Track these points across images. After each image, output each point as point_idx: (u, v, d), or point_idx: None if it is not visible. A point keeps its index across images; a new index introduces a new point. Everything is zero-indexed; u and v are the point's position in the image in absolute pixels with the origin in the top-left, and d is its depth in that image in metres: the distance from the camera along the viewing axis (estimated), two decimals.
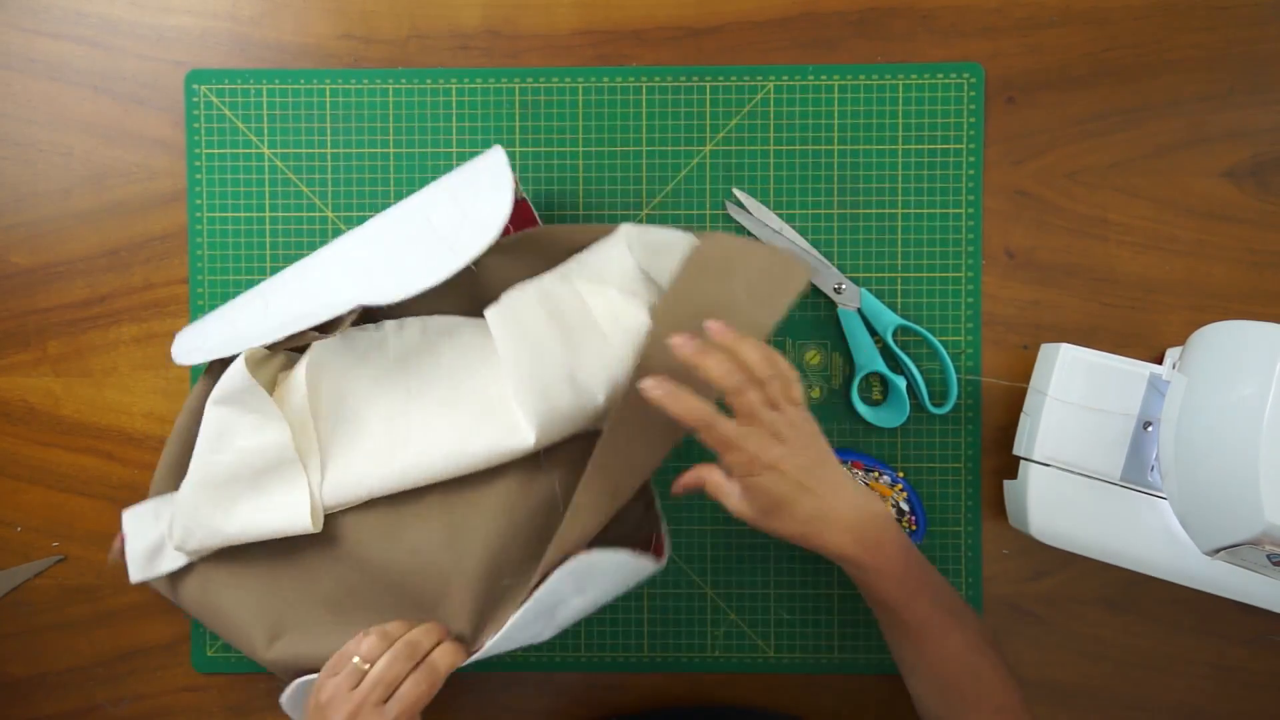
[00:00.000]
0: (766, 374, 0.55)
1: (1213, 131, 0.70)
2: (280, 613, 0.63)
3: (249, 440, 0.61)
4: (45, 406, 0.72)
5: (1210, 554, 0.57)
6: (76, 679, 0.72)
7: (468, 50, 0.71)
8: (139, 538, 0.64)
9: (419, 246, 0.60)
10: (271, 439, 0.61)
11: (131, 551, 0.64)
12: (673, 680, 0.71)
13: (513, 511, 0.60)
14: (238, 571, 0.63)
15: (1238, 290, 0.70)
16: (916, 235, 0.71)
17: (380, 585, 0.62)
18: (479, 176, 0.62)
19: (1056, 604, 0.70)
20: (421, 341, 0.63)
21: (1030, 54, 0.71)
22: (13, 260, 0.72)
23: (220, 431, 0.61)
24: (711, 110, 0.71)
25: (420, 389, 0.62)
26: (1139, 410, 0.63)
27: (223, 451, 0.61)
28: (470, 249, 0.58)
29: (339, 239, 0.67)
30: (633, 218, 0.71)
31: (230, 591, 0.63)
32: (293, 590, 0.63)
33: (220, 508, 0.61)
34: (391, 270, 0.60)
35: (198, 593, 0.64)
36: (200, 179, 0.71)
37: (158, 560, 0.64)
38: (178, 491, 0.63)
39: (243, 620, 0.63)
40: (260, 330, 0.62)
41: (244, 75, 0.71)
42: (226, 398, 0.61)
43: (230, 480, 0.61)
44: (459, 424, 0.61)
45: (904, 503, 0.68)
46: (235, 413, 0.61)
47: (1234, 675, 0.70)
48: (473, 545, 0.60)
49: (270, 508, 0.61)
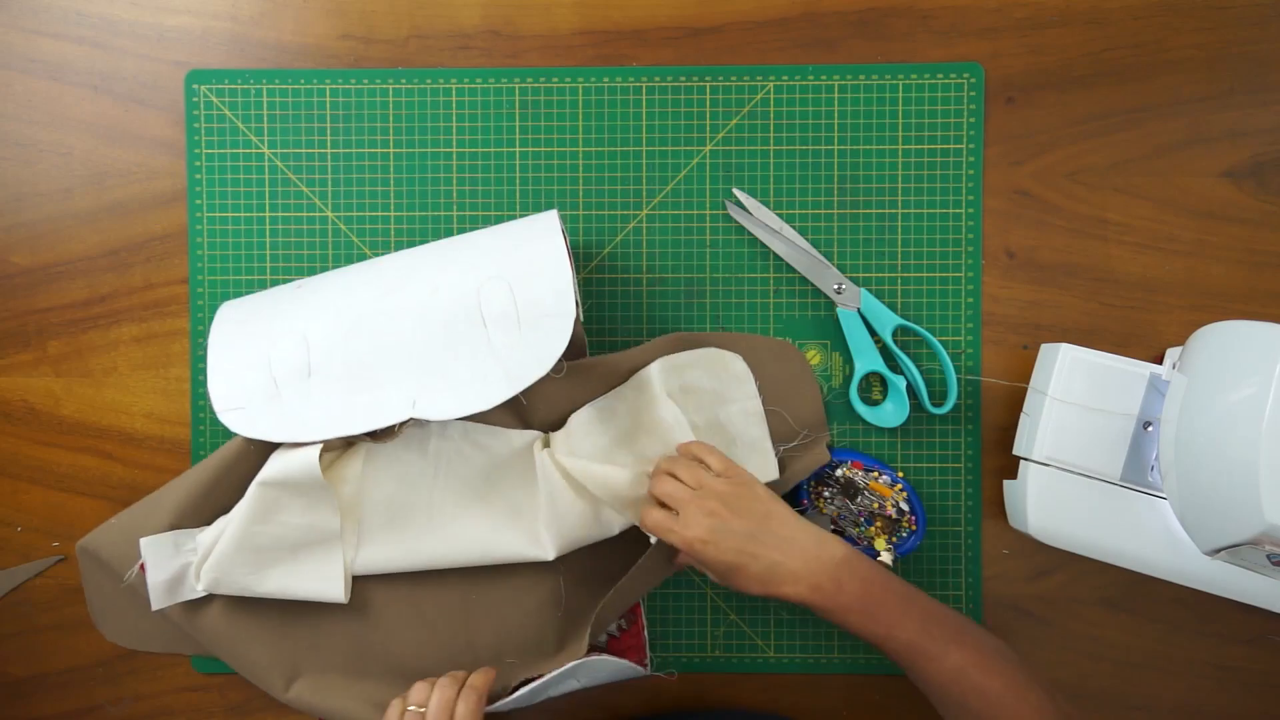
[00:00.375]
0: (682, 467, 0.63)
1: (1213, 131, 0.70)
2: (295, 656, 0.66)
3: (298, 519, 0.63)
4: (45, 406, 0.72)
5: (1210, 554, 0.57)
6: (76, 679, 0.72)
7: (468, 50, 0.72)
8: (160, 568, 0.65)
9: (473, 358, 0.62)
10: (320, 520, 0.64)
11: (153, 582, 0.65)
12: (672, 680, 0.71)
13: (522, 602, 0.67)
14: (259, 611, 0.66)
15: (1238, 290, 0.70)
16: (916, 235, 0.71)
17: (392, 655, 0.66)
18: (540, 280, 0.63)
19: (1056, 604, 0.70)
20: (461, 443, 0.67)
21: (1030, 54, 0.71)
22: (13, 260, 0.72)
23: (269, 508, 0.63)
24: (711, 110, 0.71)
25: (456, 488, 0.67)
26: (1139, 410, 0.63)
27: (269, 524, 0.63)
28: (523, 380, 0.62)
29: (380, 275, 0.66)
30: (633, 218, 0.71)
31: (251, 628, 0.66)
32: (307, 638, 0.66)
33: (254, 570, 0.64)
34: (444, 379, 0.63)
35: (218, 624, 0.66)
36: (200, 179, 0.71)
37: (178, 590, 0.65)
38: (203, 531, 0.65)
39: (259, 658, 0.65)
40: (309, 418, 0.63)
41: (244, 75, 0.71)
42: (283, 482, 0.62)
43: (270, 549, 0.64)
44: (487, 524, 0.66)
45: (904, 503, 0.68)
46: (287, 494, 0.63)
47: (1234, 675, 0.70)
48: (484, 627, 0.67)
49: (305, 576, 0.64)
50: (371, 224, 0.71)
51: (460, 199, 0.71)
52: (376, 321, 0.64)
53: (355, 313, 0.64)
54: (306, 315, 0.65)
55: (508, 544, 0.65)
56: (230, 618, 0.66)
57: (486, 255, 0.64)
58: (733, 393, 0.69)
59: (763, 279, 0.71)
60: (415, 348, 0.63)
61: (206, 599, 0.66)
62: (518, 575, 0.67)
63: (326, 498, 0.63)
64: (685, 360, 0.68)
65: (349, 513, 0.65)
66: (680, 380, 0.68)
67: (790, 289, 0.71)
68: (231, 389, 0.64)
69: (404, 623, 0.66)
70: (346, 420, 0.63)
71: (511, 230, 0.66)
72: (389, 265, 0.67)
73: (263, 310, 0.67)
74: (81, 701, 0.71)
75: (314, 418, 0.63)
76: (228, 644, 0.66)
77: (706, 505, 0.60)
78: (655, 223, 0.71)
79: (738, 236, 0.71)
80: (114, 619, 0.68)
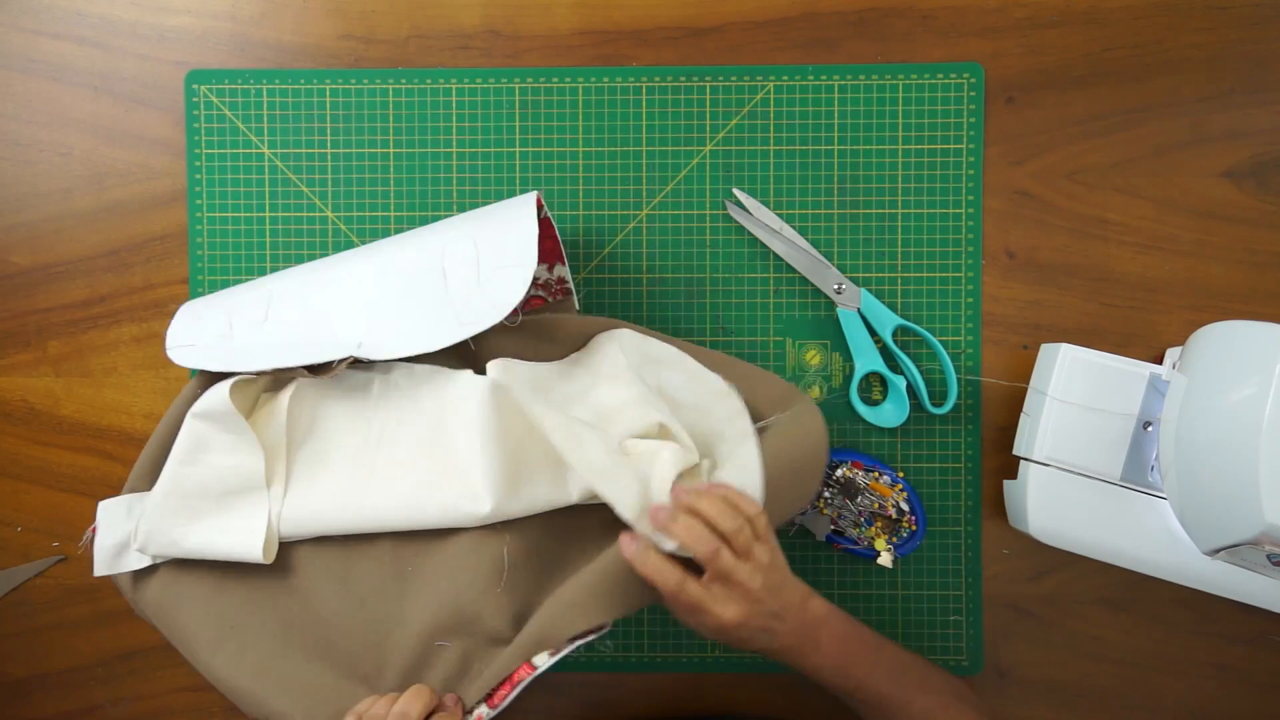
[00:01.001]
0: (732, 526, 0.54)
1: (1213, 131, 0.70)
2: (224, 626, 0.62)
3: (222, 459, 0.61)
4: (45, 406, 0.72)
5: (1210, 554, 0.57)
6: (76, 679, 0.72)
7: (468, 50, 0.72)
8: (110, 532, 0.63)
9: (427, 304, 0.60)
10: (243, 461, 0.61)
11: (100, 545, 0.63)
12: (672, 680, 0.71)
13: (459, 572, 0.60)
14: (193, 578, 0.63)
15: (1238, 290, 0.70)
16: (916, 235, 0.71)
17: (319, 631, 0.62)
18: (506, 237, 0.61)
19: (1056, 604, 0.70)
20: (406, 387, 0.63)
21: (1030, 54, 0.71)
22: (13, 260, 0.72)
23: (195, 445, 0.61)
24: (711, 110, 0.71)
25: (394, 435, 0.63)
26: (1139, 410, 0.63)
27: (195, 464, 0.61)
28: (476, 325, 0.59)
29: (355, 253, 0.66)
30: (633, 218, 0.71)
31: (184, 596, 0.62)
32: (237, 607, 0.62)
33: (183, 519, 0.61)
34: (395, 321, 0.61)
35: (157, 594, 0.63)
36: (200, 179, 0.71)
37: (123, 557, 0.63)
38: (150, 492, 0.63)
39: (190, 626, 0.62)
40: (253, 352, 0.62)
41: (244, 75, 0.71)
42: (206, 414, 0.61)
43: (198, 494, 0.61)
44: (421, 478, 0.61)
45: (904, 503, 0.68)
46: (212, 429, 0.61)
47: (1234, 675, 0.70)
48: (418, 601, 0.61)
49: (229, 530, 0.61)
50: (371, 224, 0.71)
51: (460, 199, 0.71)
52: (339, 273, 0.63)
53: (320, 271, 0.64)
54: (275, 277, 0.66)
55: (441, 499, 0.60)
56: (167, 586, 0.63)
57: (459, 223, 0.64)
58: (712, 406, 0.63)
59: (763, 279, 0.71)
60: (371, 295, 0.62)
61: (151, 570, 0.63)
62: (455, 540, 0.61)
63: (245, 432, 0.60)
64: (662, 354, 0.65)
65: (275, 457, 0.62)
66: (658, 379, 0.64)
67: (790, 289, 0.71)
68: (187, 329, 0.64)
69: (332, 593, 0.62)
70: (286, 354, 0.61)
71: (489, 207, 0.66)
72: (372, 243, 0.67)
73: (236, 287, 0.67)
74: (81, 701, 0.71)
75: (257, 353, 0.61)
76: (165, 616, 0.62)
77: (753, 586, 0.54)
78: (655, 223, 0.71)
79: (738, 236, 0.71)
80: None
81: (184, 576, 0.63)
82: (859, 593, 0.71)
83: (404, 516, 0.61)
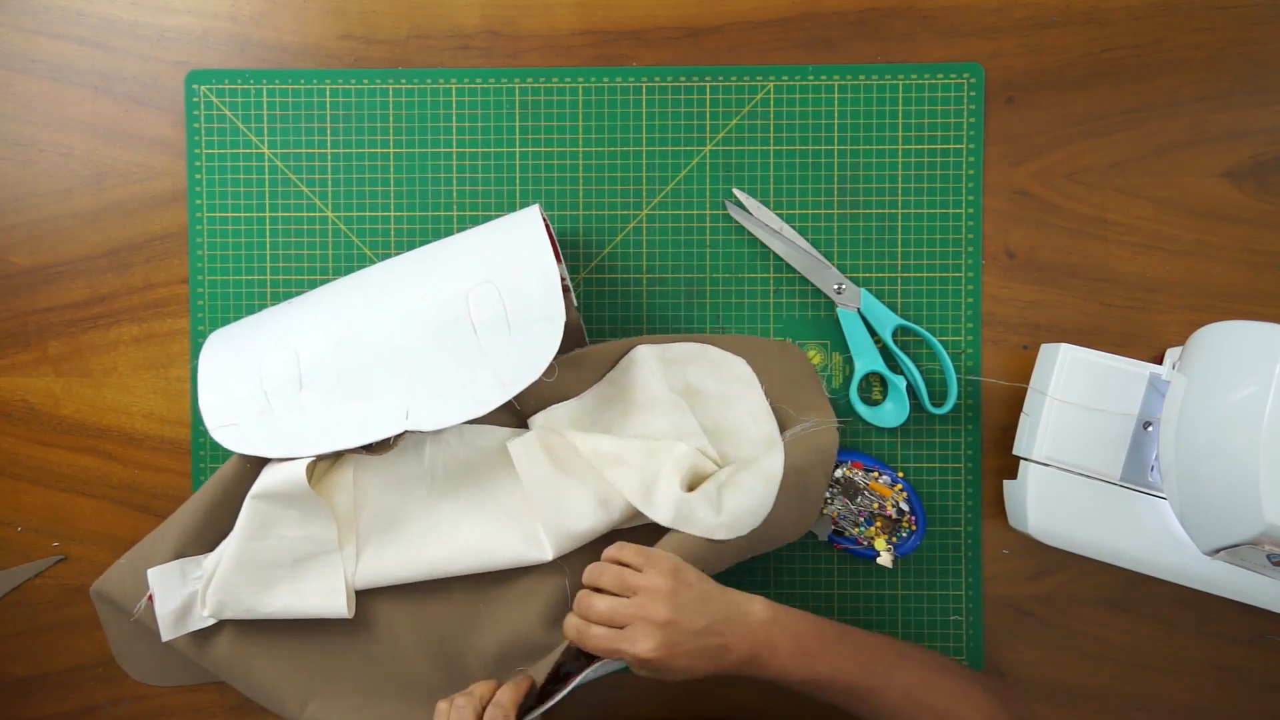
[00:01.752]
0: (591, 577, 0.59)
1: (1213, 131, 0.70)
2: (308, 679, 0.65)
3: (294, 531, 0.63)
4: (45, 406, 0.72)
5: (1210, 554, 0.57)
6: (76, 679, 0.72)
7: (468, 50, 0.72)
8: (168, 598, 0.65)
9: (463, 362, 0.62)
10: (317, 533, 0.64)
11: (161, 612, 0.65)
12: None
13: (528, 607, 0.65)
14: (269, 635, 0.66)
15: (1238, 290, 0.70)
16: (916, 235, 0.71)
17: (403, 669, 0.66)
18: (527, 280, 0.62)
19: (1056, 604, 0.70)
20: (456, 447, 0.66)
21: (1030, 54, 0.71)
22: (13, 260, 0.72)
23: (264, 523, 0.63)
24: (711, 110, 0.71)
25: (453, 492, 0.66)
26: (1139, 410, 0.63)
27: (266, 539, 0.63)
28: (516, 385, 0.61)
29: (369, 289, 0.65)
30: (633, 218, 0.71)
31: (262, 654, 0.65)
32: (319, 658, 0.66)
33: (258, 588, 0.64)
34: (437, 385, 0.62)
35: (228, 652, 0.65)
36: (200, 179, 0.71)
37: (187, 619, 0.65)
38: (207, 557, 0.65)
39: (274, 683, 0.65)
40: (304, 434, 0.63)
41: (244, 75, 0.71)
42: (269, 494, 0.62)
43: (270, 565, 0.64)
44: (485, 528, 0.65)
45: (904, 503, 0.68)
46: (277, 507, 0.63)
47: (1234, 675, 0.70)
48: (490, 633, 0.65)
49: (309, 593, 0.64)
50: (371, 224, 0.71)
51: (460, 199, 0.71)
52: (365, 329, 0.63)
53: (343, 321, 0.64)
54: (294, 327, 0.65)
55: (505, 546, 0.64)
56: (239, 644, 0.65)
57: (473, 258, 0.64)
58: (739, 394, 0.68)
59: (763, 279, 0.71)
60: (406, 355, 0.62)
61: (215, 628, 0.65)
62: (522, 580, 0.66)
63: (319, 508, 0.63)
64: (683, 353, 0.68)
65: (346, 524, 0.65)
66: (684, 379, 0.67)
67: (790, 289, 0.71)
68: (223, 404, 0.64)
69: (411, 637, 0.65)
70: (340, 434, 0.62)
71: (496, 230, 0.66)
72: (376, 274, 0.67)
73: (250, 329, 0.67)
74: (81, 701, 0.71)
75: (307, 432, 0.63)
76: (240, 672, 0.65)
77: (655, 615, 0.55)
78: (655, 223, 0.71)
79: (738, 236, 0.71)
80: (137, 658, 0.68)
81: (255, 635, 0.65)
82: (859, 593, 0.71)
83: (473, 563, 0.65)
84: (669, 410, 0.66)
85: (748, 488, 0.63)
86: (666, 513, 0.62)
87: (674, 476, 0.63)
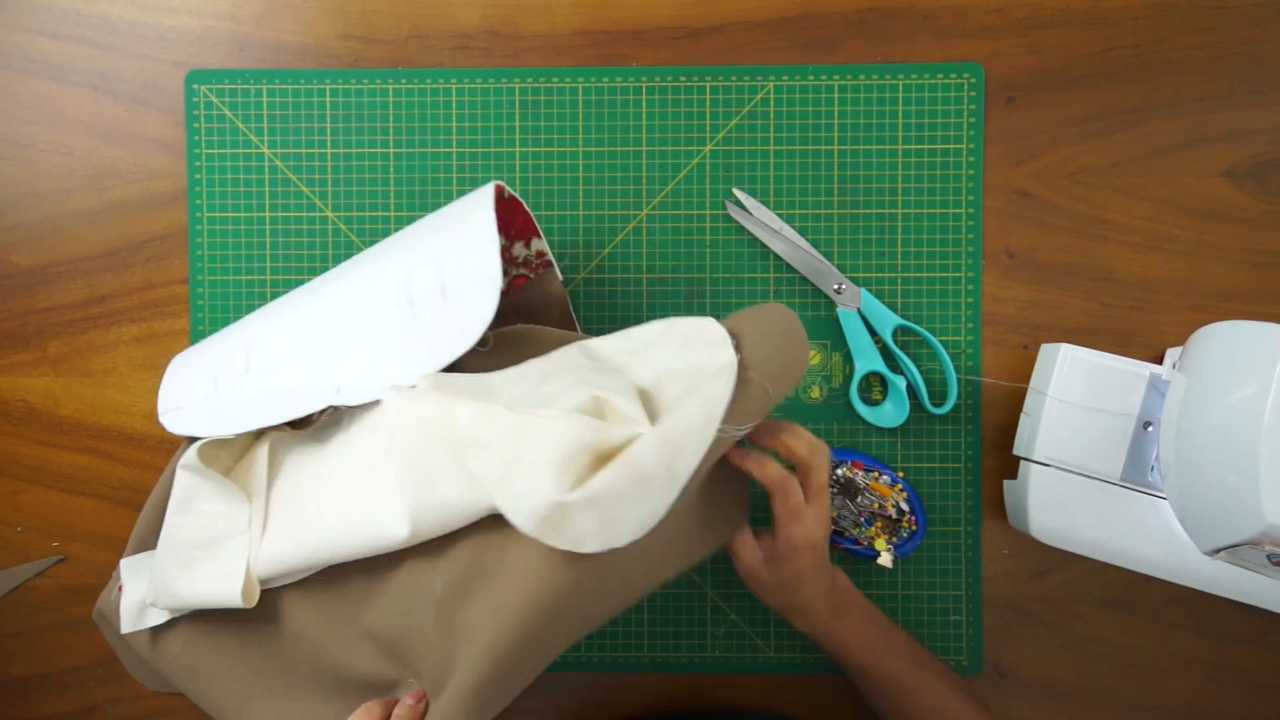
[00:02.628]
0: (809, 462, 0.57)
1: (1213, 131, 0.70)
2: (251, 680, 0.61)
3: (210, 506, 0.61)
4: (45, 406, 0.72)
5: (1210, 554, 0.57)
6: (76, 679, 0.72)
7: (468, 50, 0.72)
8: (134, 589, 0.62)
9: (399, 338, 0.58)
10: (228, 508, 0.60)
11: (125, 603, 0.62)
12: (672, 680, 0.71)
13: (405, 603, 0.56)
14: (215, 636, 0.62)
15: (1238, 290, 0.70)
16: (916, 235, 0.71)
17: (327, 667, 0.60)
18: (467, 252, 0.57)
19: (1056, 604, 0.70)
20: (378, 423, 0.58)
21: (1030, 54, 0.71)
22: (13, 260, 0.72)
23: (186, 496, 0.61)
24: (711, 110, 0.71)
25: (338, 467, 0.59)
26: (1139, 410, 0.63)
27: (187, 514, 0.61)
28: (446, 355, 0.55)
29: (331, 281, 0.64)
30: (633, 218, 0.71)
31: (210, 654, 0.62)
32: (256, 659, 0.61)
33: (181, 569, 0.60)
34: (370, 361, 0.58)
35: (178, 650, 0.62)
36: (200, 179, 0.71)
37: (145, 614, 0.62)
38: None
39: (217, 688, 0.61)
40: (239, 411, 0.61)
41: (244, 75, 0.71)
42: (190, 464, 0.61)
43: (191, 545, 0.60)
44: (358, 507, 0.56)
45: (904, 503, 0.68)
46: (197, 478, 0.61)
47: (1234, 675, 0.70)
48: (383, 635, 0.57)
49: (214, 576, 0.59)
50: (371, 224, 0.71)
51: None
52: (310, 313, 0.62)
53: (294, 307, 0.63)
54: (255, 322, 0.65)
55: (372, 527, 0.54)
56: (190, 646, 0.62)
57: (422, 235, 0.61)
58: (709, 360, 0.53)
59: (763, 279, 0.71)
60: (343, 333, 0.60)
61: (169, 630, 0.62)
62: (401, 570, 0.56)
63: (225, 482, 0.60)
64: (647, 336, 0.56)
65: (258, 503, 0.61)
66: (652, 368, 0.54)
67: (790, 289, 0.71)
68: (173, 391, 0.64)
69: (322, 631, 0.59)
70: (270, 410, 0.60)
71: (450, 207, 0.63)
72: (344, 264, 0.66)
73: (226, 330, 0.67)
74: (81, 701, 0.71)
75: (244, 410, 0.61)
76: (188, 676, 0.61)
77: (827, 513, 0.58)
78: (655, 223, 0.71)
79: (738, 236, 0.71)
80: (144, 666, 0.67)
81: (203, 637, 0.62)
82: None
83: (343, 548, 0.56)
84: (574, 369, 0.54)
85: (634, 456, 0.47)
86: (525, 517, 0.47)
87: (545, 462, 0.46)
